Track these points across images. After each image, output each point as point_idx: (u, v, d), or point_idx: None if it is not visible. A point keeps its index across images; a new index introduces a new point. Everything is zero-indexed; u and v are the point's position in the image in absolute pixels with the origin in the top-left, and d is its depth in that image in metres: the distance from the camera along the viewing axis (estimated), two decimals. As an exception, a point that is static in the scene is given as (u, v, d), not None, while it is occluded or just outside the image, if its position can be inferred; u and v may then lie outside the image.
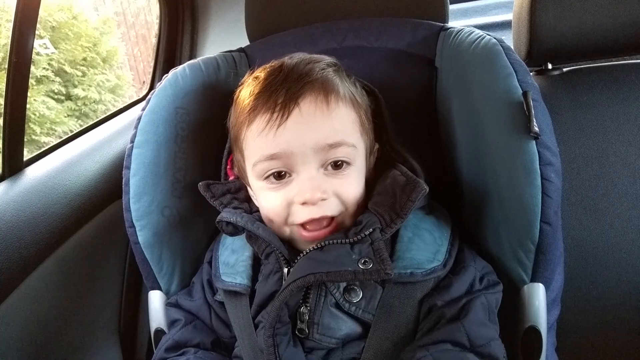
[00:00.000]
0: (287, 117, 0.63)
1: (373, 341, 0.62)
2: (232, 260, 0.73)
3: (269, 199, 0.68)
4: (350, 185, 0.66)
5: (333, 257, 0.62)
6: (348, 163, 0.66)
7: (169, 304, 0.79)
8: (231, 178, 0.80)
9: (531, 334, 0.66)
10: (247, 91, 0.69)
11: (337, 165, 0.66)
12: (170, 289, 0.81)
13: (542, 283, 0.66)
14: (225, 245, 0.77)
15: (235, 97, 0.73)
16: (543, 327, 0.66)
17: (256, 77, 0.70)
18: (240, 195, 0.74)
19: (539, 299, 0.66)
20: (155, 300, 0.81)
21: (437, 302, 0.62)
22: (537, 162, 0.61)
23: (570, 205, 0.93)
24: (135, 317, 1.08)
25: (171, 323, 0.77)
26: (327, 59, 0.71)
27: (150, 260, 0.78)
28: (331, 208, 0.66)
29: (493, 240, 0.70)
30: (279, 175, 0.66)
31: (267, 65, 0.71)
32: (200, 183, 0.74)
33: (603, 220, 0.93)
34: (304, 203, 0.65)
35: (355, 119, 0.68)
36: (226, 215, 0.69)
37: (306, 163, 0.64)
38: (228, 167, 0.80)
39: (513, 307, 0.67)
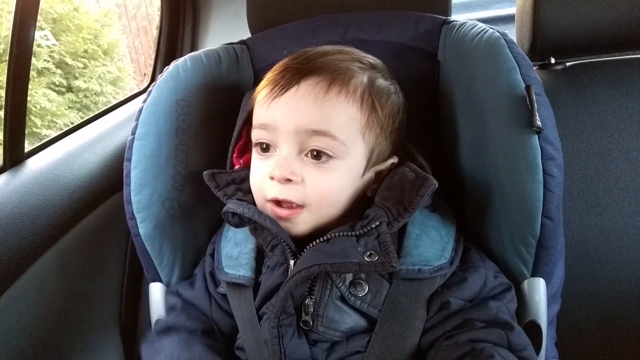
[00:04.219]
0: (283, 93, 0.65)
1: (379, 336, 0.62)
2: (235, 252, 0.73)
3: (253, 169, 0.70)
4: (325, 180, 0.65)
5: (338, 248, 0.61)
6: (329, 156, 0.64)
7: (169, 292, 0.79)
8: (237, 167, 0.80)
9: (531, 329, 0.66)
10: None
11: (318, 156, 0.65)
12: (170, 281, 0.81)
13: (542, 278, 0.66)
14: (227, 238, 0.77)
15: None
16: (543, 321, 0.66)
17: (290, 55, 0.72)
18: (245, 186, 0.73)
19: (539, 294, 0.66)
20: (156, 292, 0.81)
21: (450, 300, 0.61)
22: (539, 156, 0.61)
23: (571, 200, 0.93)
24: (136, 309, 1.08)
25: (169, 309, 0.77)
26: (368, 57, 0.71)
27: (151, 252, 0.78)
28: (295, 194, 0.65)
29: (494, 235, 0.70)
30: (267, 148, 0.68)
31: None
32: (205, 172, 0.74)
33: (604, 215, 0.93)
34: (272, 178, 0.66)
35: (357, 118, 0.66)
36: (232, 206, 0.68)
37: (287, 142, 0.65)
38: (234, 155, 0.80)
39: (513, 302, 0.67)
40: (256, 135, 0.69)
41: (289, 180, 0.64)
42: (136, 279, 1.07)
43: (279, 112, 0.65)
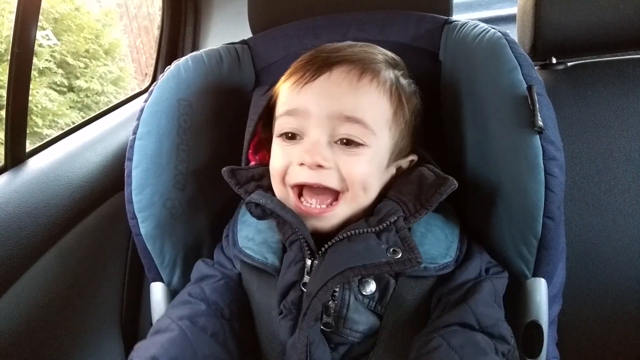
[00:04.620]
0: (315, 78, 0.65)
1: (384, 333, 0.62)
2: (259, 238, 0.71)
3: (275, 156, 0.69)
4: (357, 164, 0.64)
5: (362, 248, 0.61)
6: (360, 143, 0.64)
7: (203, 261, 0.76)
8: (252, 163, 0.80)
9: (532, 329, 0.66)
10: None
11: (349, 143, 0.64)
12: (172, 281, 0.81)
13: (544, 278, 0.66)
14: (246, 222, 0.74)
15: None
16: (544, 321, 0.66)
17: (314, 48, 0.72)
18: (264, 183, 0.72)
19: (540, 294, 0.66)
20: (157, 291, 0.81)
21: (445, 291, 0.62)
22: (541, 156, 0.61)
23: (573, 201, 0.93)
24: (137, 309, 1.08)
25: (202, 278, 0.73)
26: (391, 54, 0.73)
27: (152, 252, 0.78)
28: (329, 179, 0.64)
29: (496, 235, 0.70)
30: (292, 136, 0.67)
31: None
32: (224, 169, 0.73)
33: (605, 216, 0.93)
34: (301, 164, 0.64)
35: (386, 109, 0.66)
36: (256, 196, 0.67)
37: (318, 127, 0.64)
38: (250, 151, 0.79)
39: (515, 302, 0.67)
40: (282, 123, 0.68)
41: (319, 166, 0.64)
42: (137, 278, 1.07)
43: (311, 97, 0.65)
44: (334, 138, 0.65)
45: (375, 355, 0.62)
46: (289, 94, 0.68)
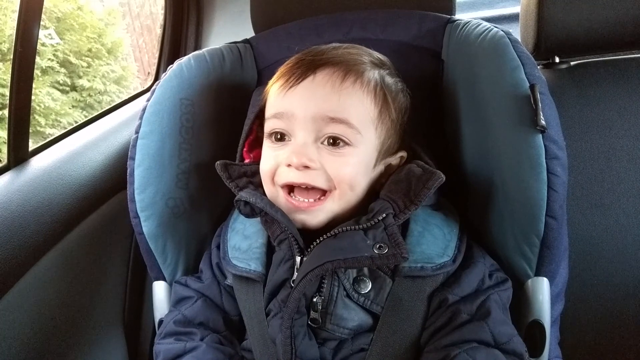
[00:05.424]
0: (300, 81, 0.66)
1: (381, 333, 0.62)
2: (245, 245, 0.72)
3: (264, 157, 0.70)
4: (344, 165, 0.65)
5: (348, 243, 0.62)
6: (346, 143, 0.65)
7: (178, 283, 0.78)
8: (247, 161, 0.80)
9: (535, 328, 0.66)
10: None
11: (335, 143, 0.65)
12: (174, 280, 0.81)
13: (546, 277, 0.66)
14: (235, 230, 0.76)
15: None
16: (547, 321, 0.66)
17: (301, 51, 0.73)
18: (256, 180, 0.73)
19: (543, 293, 0.66)
20: (160, 290, 0.81)
21: (448, 297, 0.62)
22: (544, 155, 0.61)
23: (575, 200, 0.93)
24: (140, 308, 1.08)
25: (179, 300, 0.76)
26: (377, 54, 0.73)
27: (155, 250, 0.78)
28: (316, 179, 0.65)
29: (498, 234, 0.69)
30: (281, 138, 0.68)
31: None
32: (217, 162, 0.74)
33: (608, 215, 0.93)
34: (288, 165, 0.66)
35: (370, 109, 0.67)
36: (246, 195, 0.68)
37: (304, 129, 0.65)
38: (245, 149, 0.80)
39: (517, 301, 0.67)
40: (270, 125, 0.69)
41: (306, 167, 0.65)
42: (140, 277, 1.07)
43: (295, 100, 0.66)
44: (320, 139, 0.66)
45: (372, 354, 0.62)
46: (275, 97, 0.69)
